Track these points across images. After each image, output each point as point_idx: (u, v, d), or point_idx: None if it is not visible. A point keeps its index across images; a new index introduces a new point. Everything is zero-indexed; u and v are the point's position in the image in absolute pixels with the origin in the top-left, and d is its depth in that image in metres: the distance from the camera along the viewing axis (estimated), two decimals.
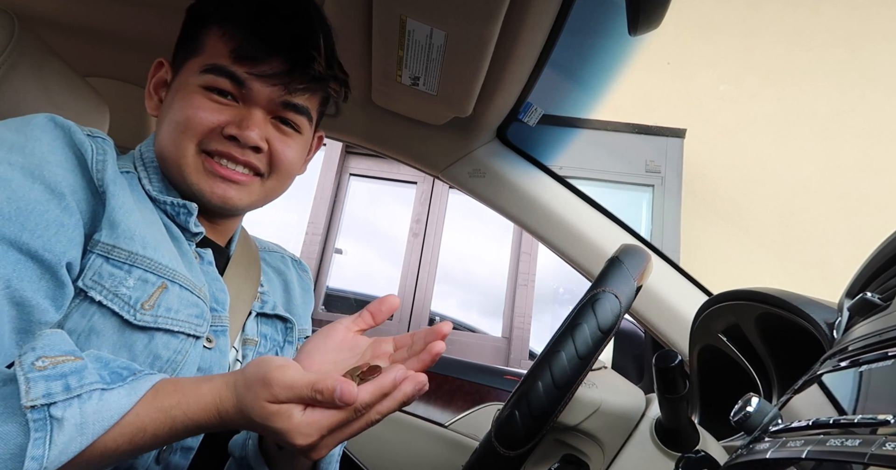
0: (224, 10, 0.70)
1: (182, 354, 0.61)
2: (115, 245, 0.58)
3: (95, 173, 0.59)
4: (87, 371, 0.46)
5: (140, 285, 0.58)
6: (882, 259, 0.55)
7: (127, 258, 0.58)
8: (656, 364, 0.56)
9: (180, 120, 0.67)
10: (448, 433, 1.21)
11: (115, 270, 0.57)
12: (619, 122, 2.89)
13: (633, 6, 0.69)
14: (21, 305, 0.51)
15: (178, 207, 0.67)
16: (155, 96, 0.74)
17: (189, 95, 0.68)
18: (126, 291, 0.57)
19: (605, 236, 1.12)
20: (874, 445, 0.27)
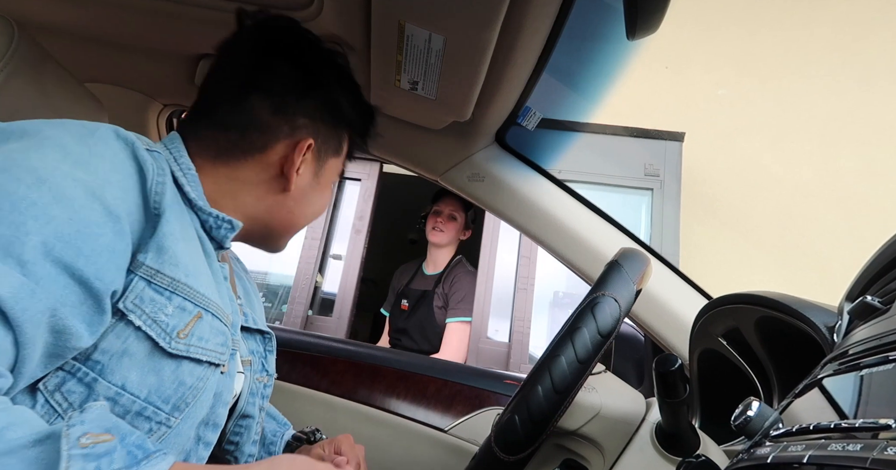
0: (365, 120, 0.83)
1: (203, 380, 0.61)
2: (160, 270, 0.57)
3: (153, 196, 0.58)
4: (117, 453, 0.44)
5: (178, 313, 0.58)
6: (882, 262, 0.55)
7: (169, 285, 0.58)
8: (656, 368, 0.56)
9: (317, 211, 0.80)
10: (448, 438, 1.20)
11: (156, 295, 0.57)
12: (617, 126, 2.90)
13: (631, 11, 0.69)
14: (60, 332, 0.50)
15: (223, 222, 0.68)
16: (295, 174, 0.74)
17: (326, 191, 0.81)
18: (164, 318, 0.57)
19: (604, 240, 1.12)
20: (875, 449, 0.27)
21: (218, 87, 0.73)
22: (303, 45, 0.75)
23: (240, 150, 0.71)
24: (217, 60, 0.76)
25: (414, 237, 4.25)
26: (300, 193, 0.76)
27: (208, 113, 0.72)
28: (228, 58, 0.75)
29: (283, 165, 0.73)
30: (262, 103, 0.71)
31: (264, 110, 0.72)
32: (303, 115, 0.74)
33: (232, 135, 0.71)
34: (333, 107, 0.77)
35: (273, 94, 0.72)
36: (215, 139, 0.71)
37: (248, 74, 0.72)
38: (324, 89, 0.76)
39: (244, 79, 0.72)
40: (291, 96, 0.73)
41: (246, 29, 0.75)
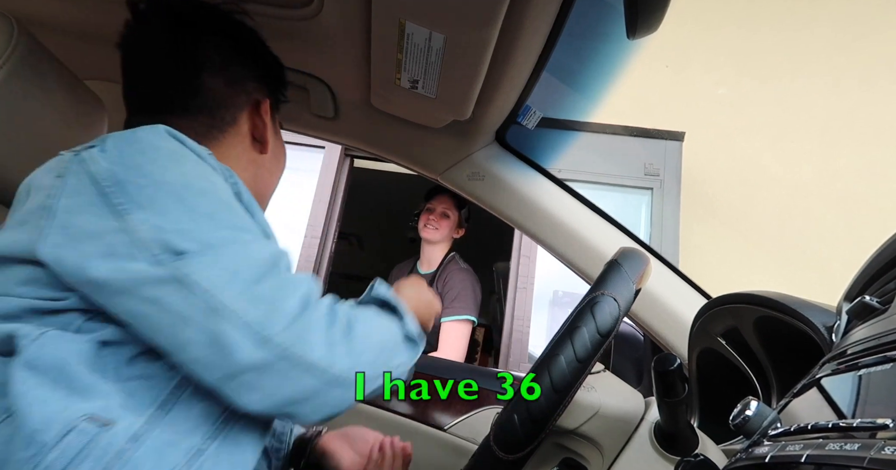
0: (280, 69, 0.85)
1: None
2: None
3: (234, 194, 0.63)
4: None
5: None
6: (881, 262, 0.55)
7: None
8: (655, 367, 0.56)
9: (284, 162, 0.87)
10: (447, 437, 1.21)
11: None
12: (617, 126, 2.90)
13: (631, 10, 0.69)
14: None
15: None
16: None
17: (282, 140, 0.85)
18: None
19: (603, 239, 1.13)
20: (873, 449, 0.27)
21: (163, 80, 0.74)
22: (212, 15, 0.77)
23: (216, 129, 0.75)
24: (137, 55, 0.76)
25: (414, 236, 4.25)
26: (271, 151, 0.82)
27: (168, 104, 0.73)
28: (153, 49, 0.75)
29: (253, 132, 0.79)
30: (214, 80, 0.74)
31: (219, 85, 0.75)
32: (249, 78, 0.78)
33: (203, 118, 0.74)
34: (263, 64, 0.81)
35: (218, 68, 0.75)
36: (191, 127, 0.72)
37: (188, 56, 0.73)
38: (250, 49, 0.79)
39: (187, 62, 0.73)
40: (233, 64, 0.76)
41: (151, 16, 0.75)
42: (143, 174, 0.56)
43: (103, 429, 0.49)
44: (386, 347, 0.63)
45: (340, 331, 0.58)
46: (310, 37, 0.92)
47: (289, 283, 0.57)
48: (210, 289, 0.52)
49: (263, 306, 0.54)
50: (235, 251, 0.56)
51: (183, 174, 0.58)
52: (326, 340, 0.56)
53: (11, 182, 0.80)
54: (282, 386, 0.54)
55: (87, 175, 0.56)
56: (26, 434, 0.48)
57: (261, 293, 0.54)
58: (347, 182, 3.03)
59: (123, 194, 0.55)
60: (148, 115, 0.73)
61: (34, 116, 0.81)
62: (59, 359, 0.51)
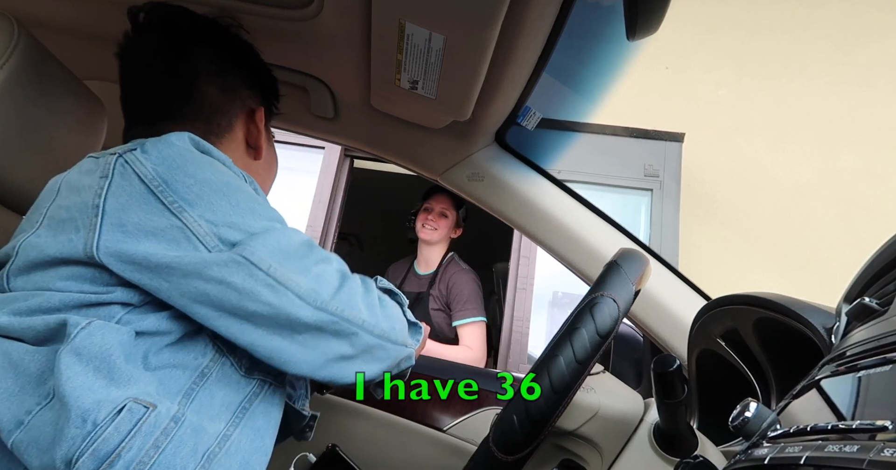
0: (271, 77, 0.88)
1: None
2: None
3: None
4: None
5: None
6: (880, 264, 0.55)
7: None
8: (655, 369, 0.56)
9: (276, 167, 0.91)
10: (446, 437, 1.20)
11: None
12: (617, 126, 2.90)
13: (631, 11, 0.69)
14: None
15: None
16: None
17: (273, 146, 0.90)
18: None
19: (603, 240, 1.12)
20: (872, 451, 0.27)
21: (161, 87, 0.77)
22: (201, 23, 0.80)
23: (213, 135, 0.77)
24: (135, 67, 0.78)
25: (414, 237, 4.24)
26: (264, 157, 0.85)
27: (164, 112, 0.76)
28: (149, 58, 0.77)
29: (248, 138, 0.82)
30: (209, 87, 0.77)
31: (213, 92, 0.77)
32: (242, 86, 0.81)
33: (200, 124, 0.76)
34: (256, 74, 0.84)
35: (212, 75, 0.77)
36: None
37: (184, 65, 0.76)
38: (244, 59, 0.83)
39: (184, 70, 0.76)
40: (227, 73, 0.79)
41: (149, 27, 0.78)
42: (187, 174, 0.61)
43: (149, 409, 0.54)
44: (404, 323, 0.74)
45: (375, 299, 0.69)
46: (310, 38, 0.92)
47: (326, 259, 0.67)
48: (267, 268, 0.60)
49: (311, 279, 0.63)
50: (278, 236, 0.63)
51: (220, 173, 0.64)
52: (367, 305, 0.67)
53: (11, 182, 0.80)
54: (339, 343, 0.64)
55: (136, 175, 0.60)
56: (78, 414, 0.51)
57: (306, 267, 0.63)
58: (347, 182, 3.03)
59: (174, 193, 0.60)
60: (146, 122, 0.76)
61: (34, 116, 0.81)
62: (104, 348, 0.55)
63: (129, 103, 0.79)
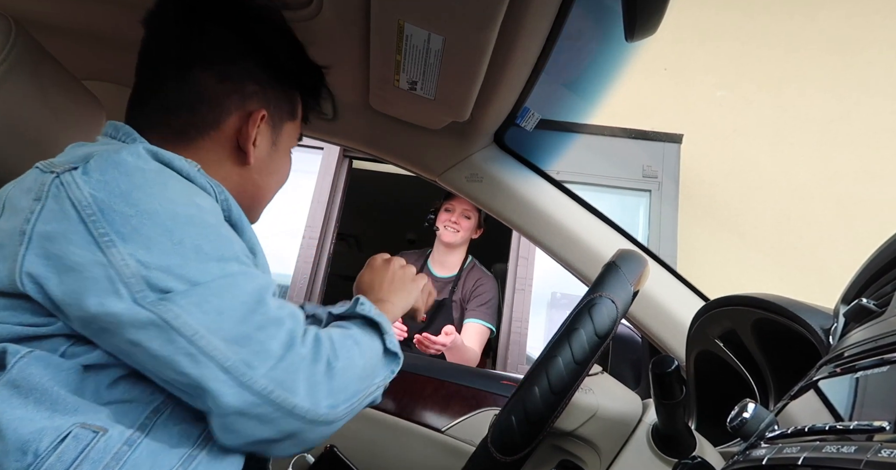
0: (313, 79, 0.82)
1: None
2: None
3: (223, 211, 0.63)
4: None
5: None
6: (877, 265, 0.55)
7: None
8: (653, 369, 0.56)
9: (282, 179, 0.81)
10: (444, 438, 1.20)
11: None
12: (615, 128, 2.90)
13: (629, 12, 0.69)
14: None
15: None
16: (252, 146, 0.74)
17: (287, 158, 0.81)
18: None
19: (602, 241, 1.13)
20: (870, 451, 0.27)
21: (157, 65, 0.71)
22: (231, 5, 0.72)
23: (194, 129, 0.70)
24: (147, 37, 0.72)
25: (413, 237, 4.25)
26: (262, 164, 0.75)
27: (154, 95, 0.70)
28: (158, 32, 0.72)
29: (238, 138, 0.72)
30: (205, 74, 0.69)
31: (210, 81, 0.70)
32: (250, 81, 0.72)
33: (183, 114, 0.69)
34: (278, 67, 0.75)
35: (214, 62, 0.70)
36: (168, 124, 0.69)
37: (184, 46, 0.69)
38: (263, 49, 0.73)
39: (182, 51, 0.69)
40: (233, 61, 0.71)
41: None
42: (128, 202, 0.53)
43: (98, 434, 0.50)
44: (367, 374, 0.64)
45: (323, 369, 0.57)
46: (308, 38, 0.92)
47: (273, 321, 0.56)
48: (191, 335, 0.52)
49: (246, 349, 0.53)
50: (221, 289, 0.54)
51: (170, 201, 0.55)
52: (308, 381, 0.56)
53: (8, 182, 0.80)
54: (262, 428, 0.54)
55: (69, 201, 0.53)
56: (17, 446, 0.47)
57: (244, 334, 0.54)
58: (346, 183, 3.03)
59: (107, 224, 0.52)
60: (140, 104, 0.71)
61: (32, 116, 0.81)
62: (44, 380, 0.51)
63: (135, 80, 0.73)
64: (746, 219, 2.98)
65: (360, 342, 0.65)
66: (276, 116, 0.76)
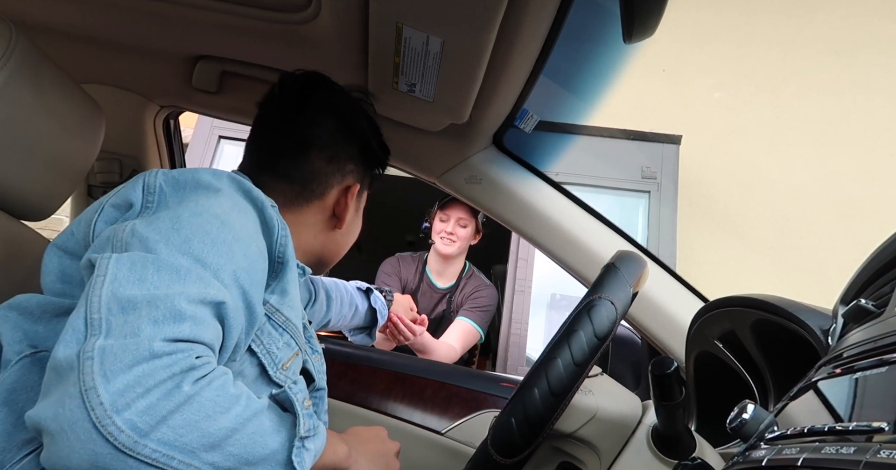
0: (387, 157, 0.92)
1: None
2: (279, 310, 0.67)
3: (278, 247, 0.68)
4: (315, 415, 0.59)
5: (285, 348, 0.67)
6: (876, 266, 0.55)
7: (283, 323, 0.67)
8: (652, 371, 0.56)
9: (355, 237, 0.92)
10: (444, 440, 1.20)
11: (272, 330, 0.66)
12: (614, 129, 2.90)
13: (627, 14, 0.69)
14: (237, 348, 0.60)
15: (301, 268, 0.79)
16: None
17: (360, 219, 0.92)
18: (276, 350, 0.66)
19: (601, 243, 1.13)
20: (869, 452, 0.27)
21: (276, 144, 0.82)
22: (338, 98, 0.85)
23: (303, 198, 0.82)
24: (265, 117, 0.85)
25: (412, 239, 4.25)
26: (347, 228, 0.87)
27: (272, 167, 0.82)
28: (280, 115, 0.83)
29: (335, 208, 0.84)
30: (319, 156, 0.82)
31: (321, 162, 0.82)
32: (349, 162, 0.85)
33: (296, 186, 0.81)
34: (369, 150, 0.88)
35: (326, 148, 0.82)
36: (283, 191, 0.80)
37: (303, 132, 0.82)
38: (362, 137, 0.86)
39: (301, 137, 0.82)
40: (340, 147, 0.84)
41: (290, 88, 0.84)
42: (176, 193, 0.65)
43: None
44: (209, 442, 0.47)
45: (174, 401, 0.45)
46: (307, 40, 0.92)
47: (172, 316, 0.49)
48: (100, 278, 0.51)
49: (122, 318, 0.48)
50: (159, 264, 0.53)
51: (207, 205, 0.62)
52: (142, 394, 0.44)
53: (9, 186, 0.80)
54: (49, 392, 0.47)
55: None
56: None
57: (135, 303, 0.49)
58: None
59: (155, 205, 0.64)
60: (256, 168, 0.82)
61: (31, 120, 0.81)
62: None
63: (251, 148, 0.85)
64: (745, 219, 2.99)
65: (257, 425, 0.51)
66: (362, 188, 0.89)
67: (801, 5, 3.25)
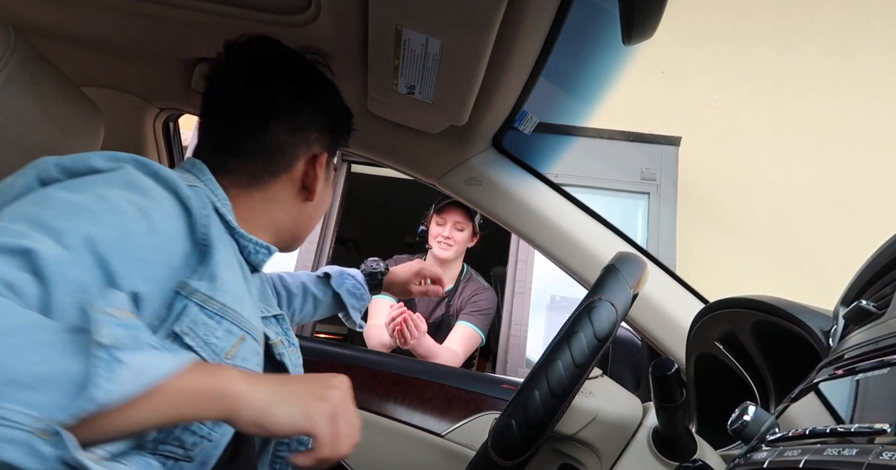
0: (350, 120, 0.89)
1: None
2: (212, 297, 0.62)
3: (200, 228, 0.63)
4: (145, 330, 0.48)
5: (226, 336, 0.63)
6: (876, 267, 0.55)
7: (219, 310, 0.63)
8: (653, 372, 0.56)
9: (327, 206, 0.88)
10: (445, 443, 1.20)
11: (208, 319, 0.62)
12: (613, 130, 2.91)
13: (627, 16, 0.69)
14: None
15: (261, 247, 0.75)
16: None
17: (331, 188, 0.88)
18: (215, 340, 0.62)
19: (601, 244, 1.13)
20: (871, 454, 0.27)
21: (231, 119, 0.78)
22: (292, 62, 0.80)
23: (269, 174, 0.77)
24: (214, 92, 0.80)
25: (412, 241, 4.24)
26: (318, 199, 0.83)
27: (230, 145, 0.77)
28: (229, 90, 0.78)
29: (304, 179, 0.80)
30: (279, 127, 0.77)
31: (283, 133, 0.77)
32: (313, 130, 0.81)
33: (260, 162, 0.77)
34: (331, 115, 0.84)
35: (286, 117, 0.78)
36: (245, 169, 0.76)
37: (259, 103, 0.77)
38: (322, 100, 0.82)
39: (258, 108, 0.77)
40: (301, 114, 0.79)
41: (238, 58, 0.78)
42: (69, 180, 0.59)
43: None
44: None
45: None
46: (307, 43, 0.92)
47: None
48: None
49: None
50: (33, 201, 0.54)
51: (94, 188, 0.57)
52: None
53: None
54: None
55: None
56: None
57: None
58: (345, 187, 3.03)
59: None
60: (213, 152, 0.77)
61: (31, 123, 0.81)
62: None
63: (204, 129, 0.80)
64: (745, 221, 2.99)
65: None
66: (329, 156, 0.85)
67: (800, 6, 3.25)
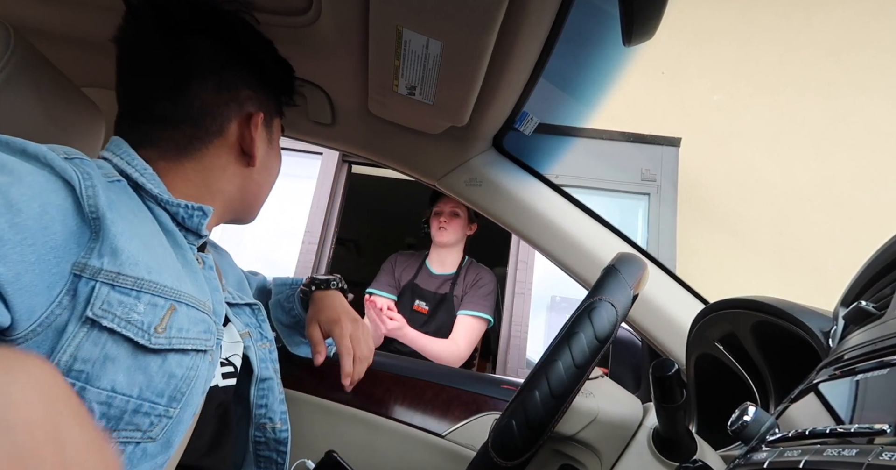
0: (290, 75, 0.83)
1: (195, 369, 0.61)
2: (121, 272, 0.56)
3: (87, 200, 0.55)
4: None
5: (150, 310, 0.58)
6: (876, 267, 0.55)
7: (133, 284, 0.56)
8: (653, 373, 0.56)
9: (277, 172, 0.84)
10: (445, 443, 1.20)
11: (123, 297, 0.56)
12: (614, 131, 2.91)
13: (627, 17, 0.69)
14: None
15: (194, 210, 0.68)
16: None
17: (279, 151, 0.84)
18: (138, 316, 0.56)
19: (601, 245, 1.13)
20: (871, 454, 0.27)
21: (147, 83, 0.70)
22: (207, 12, 0.72)
23: (199, 140, 0.71)
24: (126, 54, 0.72)
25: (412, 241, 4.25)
26: (262, 164, 0.78)
27: (148, 113, 0.70)
28: (140, 49, 0.71)
29: (241, 143, 0.75)
30: (202, 86, 0.70)
31: (207, 93, 0.71)
32: (244, 86, 0.74)
33: (186, 128, 0.70)
34: (263, 69, 0.77)
35: (208, 75, 0.71)
36: (171, 138, 0.70)
37: (175, 61, 0.69)
38: (248, 53, 0.75)
39: (174, 67, 0.69)
40: (225, 70, 0.72)
41: (143, 15, 0.70)
42: None
43: None
44: None
45: None
46: (307, 44, 0.92)
47: None
48: None
49: None
50: None
51: None
52: None
53: None
54: None
55: None
56: None
57: None
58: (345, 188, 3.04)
59: None
60: (131, 123, 0.71)
61: (31, 124, 0.81)
62: None
63: (119, 100, 0.73)
64: (745, 221, 2.99)
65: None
66: (268, 116, 0.79)
67: (800, 7, 3.26)
